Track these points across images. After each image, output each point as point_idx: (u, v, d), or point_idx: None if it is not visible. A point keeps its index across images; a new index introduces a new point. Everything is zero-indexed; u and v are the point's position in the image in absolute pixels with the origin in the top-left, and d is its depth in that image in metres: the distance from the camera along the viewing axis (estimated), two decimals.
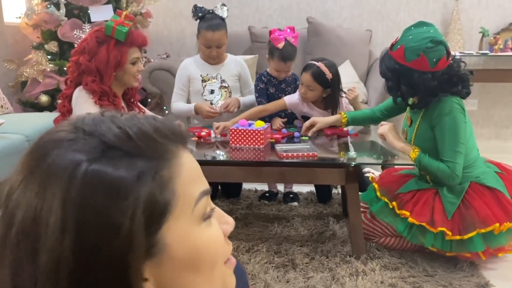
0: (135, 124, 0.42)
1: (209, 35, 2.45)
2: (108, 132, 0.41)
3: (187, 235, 0.43)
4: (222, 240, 0.47)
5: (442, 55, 1.72)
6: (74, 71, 1.96)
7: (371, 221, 2.06)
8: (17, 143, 2.27)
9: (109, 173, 0.38)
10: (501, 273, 1.87)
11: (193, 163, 0.46)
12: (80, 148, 0.39)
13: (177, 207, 0.42)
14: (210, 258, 0.45)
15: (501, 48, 3.59)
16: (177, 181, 0.43)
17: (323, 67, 2.28)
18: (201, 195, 0.45)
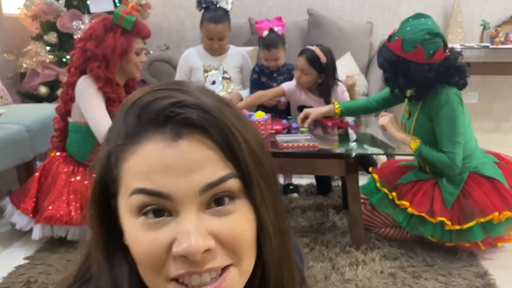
0: (143, 99, 0.44)
1: (211, 27, 2.44)
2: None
3: (124, 217, 0.45)
4: (152, 248, 0.42)
5: (439, 47, 1.72)
6: (80, 58, 1.96)
7: (371, 212, 2.07)
8: (16, 133, 2.26)
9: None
10: (500, 263, 1.88)
11: (152, 155, 0.42)
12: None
13: (121, 187, 0.45)
14: (136, 255, 0.44)
15: (502, 41, 3.58)
16: (124, 166, 0.44)
17: (317, 51, 2.29)
18: (135, 191, 0.42)
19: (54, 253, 1.94)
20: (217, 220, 0.43)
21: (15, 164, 2.33)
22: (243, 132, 0.44)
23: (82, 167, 2.06)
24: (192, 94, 0.44)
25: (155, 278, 0.44)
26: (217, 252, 0.43)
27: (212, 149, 0.42)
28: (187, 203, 0.42)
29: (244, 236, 0.44)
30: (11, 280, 1.75)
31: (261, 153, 0.46)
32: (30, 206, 1.99)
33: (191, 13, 3.77)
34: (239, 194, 0.44)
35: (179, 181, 0.41)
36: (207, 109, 0.43)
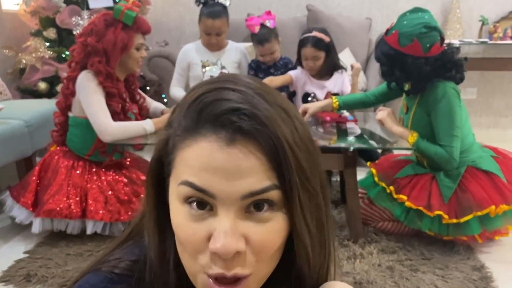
0: (207, 97, 0.47)
1: (209, 22, 2.44)
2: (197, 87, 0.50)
3: (172, 199, 0.49)
4: (192, 238, 0.46)
5: (435, 41, 1.73)
6: (81, 52, 1.97)
7: (369, 206, 2.08)
8: (16, 128, 2.27)
9: None
10: (496, 257, 1.90)
11: (205, 154, 0.45)
12: None
13: (173, 172, 0.49)
14: (178, 239, 0.48)
15: (500, 37, 3.59)
16: (179, 155, 0.47)
17: (318, 34, 2.32)
18: (184, 182, 0.45)
19: (54, 247, 1.95)
20: (252, 225, 0.46)
21: (15, 159, 2.34)
22: (294, 146, 0.46)
23: (82, 161, 2.07)
24: (252, 99, 0.46)
25: (191, 261, 0.48)
26: (245, 256, 0.46)
27: (260, 159, 0.45)
28: (228, 205, 0.45)
29: (273, 245, 0.47)
30: (11, 273, 1.76)
31: (310, 167, 0.48)
32: (30, 200, 2.00)
33: (190, 9, 3.77)
34: (279, 204, 0.46)
35: (225, 184, 0.44)
36: (263, 121, 0.45)
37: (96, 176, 2.06)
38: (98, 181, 2.04)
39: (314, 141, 0.50)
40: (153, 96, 3.37)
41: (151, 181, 0.52)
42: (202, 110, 0.46)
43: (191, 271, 0.48)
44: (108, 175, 2.08)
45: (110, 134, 1.94)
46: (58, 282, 1.70)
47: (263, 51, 2.48)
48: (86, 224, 1.98)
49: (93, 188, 2.01)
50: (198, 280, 0.48)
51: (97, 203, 1.98)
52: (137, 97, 2.22)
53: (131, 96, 2.18)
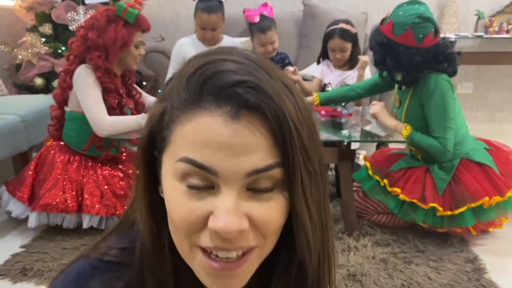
0: (209, 68, 0.44)
1: (204, 17, 2.44)
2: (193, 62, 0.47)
3: (166, 176, 0.46)
4: (189, 216, 0.44)
5: (428, 32, 1.74)
6: (80, 46, 1.98)
7: (363, 199, 2.09)
8: (12, 123, 2.27)
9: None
10: (490, 249, 1.91)
11: (208, 129, 0.42)
12: None
13: (169, 148, 0.46)
14: (172, 218, 0.46)
15: (496, 31, 3.59)
16: (177, 130, 0.44)
17: (345, 26, 2.34)
18: (184, 159, 0.43)
19: (50, 241, 1.96)
20: (255, 204, 0.44)
21: (11, 155, 2.35)
22: (298, 124, 0.44)
23: (78, 156, 2.08)
24: (256, 72, 0.44)
25: (183, 240, 0.45)
26: (249, 233, 0.44)
27: (265, 135, 0.43)
28: (231, 183, 0.43)
29: (275, 223, 0.45)
30: (7, 268, 1.77)
31: (311, 147, 0.46)
32: (26, 194, 2.01)
33: (186, 4, 3.77)
34: (281, 182, 0.45)
35: (230, 161, 0.42)
36: (269, 94, 0.43)
37: (92, 170, 2.06)
38: (94, 176, 2.05)
39: (314, 121, 0.48)
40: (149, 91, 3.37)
41: (142, 159, 0.49)
42: (204, 82, 0.43)
43: (183, 250, 0.47)
44: (104, 169, 2.09)
45: (105, 129, 1.94)
46: (54, 276, 1.71)
47: (265, 40, 2.47)
48: (82, 218, 1.99)
49: (89, 183, 2.02)
50: (195, 257, 0.46)
51: (93, 197, 1.99)
52: (133, 93, 2.23)
53: (128, 92, 2.19)
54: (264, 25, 2.45)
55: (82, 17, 2.95)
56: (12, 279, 1.71)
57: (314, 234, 0.48)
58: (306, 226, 0.46)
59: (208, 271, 0.45)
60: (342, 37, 2.35)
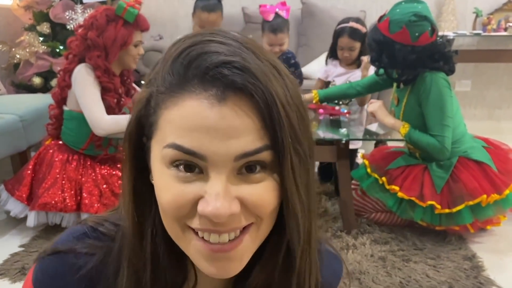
0: (194, 49, 0.43)
1: (204, 16, 2.43)
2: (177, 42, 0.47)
3: (155, 162, 0.46)
4: (178, 199, 0.43)
5: (424, 30, 1.74)
6: (80, 45, 1.97)
7: (362, 197, 2.10)
8: (10, 123, 2.27)
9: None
10: (488, 246, 1.92)
11: (195, 113, 0.41)
12: None
13: (157, 134, 0.45)
14: (161, 203, 0.45)
15: (494, 29, 3.60)
16: (163, 115, 0.44)
17: (355, 25, 2.33)
18: (171, 145, 0.42)
19: (49, 240, 1.94)
20: (246, 186, 0.43)
21: (9, 154, 2.34)
22: (286, 105, 0.43)
23: (77, 155, 2.08)
24: (243, 52, 0.43)
25: (174, 224, 0.45)
26: (241, 216, 0.44)
27: (253, 117, 0.42)
28: (220, 167, 0.42)
29: (268, 205, 0.44)
30: (6, 267, 1.78)
31: (302, 130, 0.45)
32: (24, 194, 2.01)
33: (184, 3, 3.77)
34: (271, 165, 0.44)
35: (218, 145, 0.41)
36: (256, 75, 0.42)
37: (91, 169, 2.06)
38: (93, 175, 2.05)
39: (304, 103, 0.47)
40: None
41: (129, 146, 0.48)
42: (189, 64, 0.42)
43: (175, 237, 0.46)
44: (102, 168, 2.09)
45: (103, 128, 1.94)
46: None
47: (274, 41, 2.40)
48: (81, 217, 1.99)
49: (88, 182, 2.02)
50: (190, 245, 0.45)
51: (92, 196, 1.99)
52: (132, 92, 2.23)
53: (126, 91, 2.19)
54: (277, 25, 2.36)
55: (80, 16, 2.94)
56: (11, 279, 1.71)
57: (303, 216, 0.47)
58: (296, 208, 0.46)
59: (204, 254, 0.45)
60: (351, 36, 2.34)
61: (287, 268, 0.50)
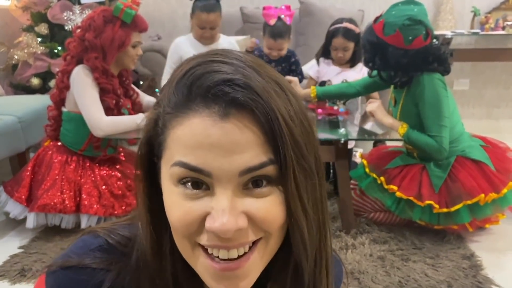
0: (197, 70, 0.45)
1: (203, 16, 2.42)
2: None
3: (164, 181, 0.47)
4: (186, 217, 0.44)
5: (418, 34, 1.74)
6: (77, 47, 1.97)
7: (361, 197, 2.10)
8: (9, 124, 2.27)
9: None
10: (486, 245, 1.93)
11: (199, 130, 0.42)
12: None
13: (165, 153, 0.46)
14: (171, 220, 0.46)
15: (492, 27, 3.60)
16: (170, 135, 0.45)
17: (349, 25, 2.35)
18: (178, 163, 0.43)
19: (49, 241, 1.97)
20: (252, 201, 0.44)
21: (8, 155, 2.34)
22: (289, 120, 0.44)
23: (76, 156, 2.08)
24: (244, 71, 0.44)
25: (184, 241, 0.46)
26: (248, 230, 0.44)
27: (256, 133, 0.43)
28: (225, 182, 0.43)
29: (275, 219, 0.45)
30: (6, 268, 1.78)
31: (306, 143, 0.46)
32: (24, 195, 2.01)
33: (182, 2, 3.76)
34: (276, 179, 0.44)
35: (222, 161, 0.42)
36: (257, 91, 0.43)
37: (90, 170, 2.07)
38: (92, 176, 2.05)
39: (309, 118, 0.48)
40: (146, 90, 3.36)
41: (141, 166, 0.49)
42: (192, 84, 0.44)
43: (186, 253, 0.47)
44: (102, 169, 2.09)
45: (102, 129, 1.95)
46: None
47: (273, 46, 2.40)
48: (81, 218, 1.99)
49: (87, 183, 2.02)
50: (197, 259, 0.46)
51: (91, 197, 1.99)
52: (130, 93, 2.23)
53: (125, 92, 2.19)
54: (277, 31, 2.35)
55: (78, 16, 2.94)
56: (10, 280, 1.71)
57: (310, 233, 0.47)
58: (301, 224, 0.46)
59: (212, 273, 0.45)
60: (345, 36, 2.35)
61: (297, 284, 0.50)
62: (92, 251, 0.51)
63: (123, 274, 0.51)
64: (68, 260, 0.51)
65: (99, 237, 0.53)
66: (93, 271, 0.50)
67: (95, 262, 0.50)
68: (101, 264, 0.50)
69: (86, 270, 0.50)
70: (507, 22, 3.55)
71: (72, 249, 0.52)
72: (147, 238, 0.50)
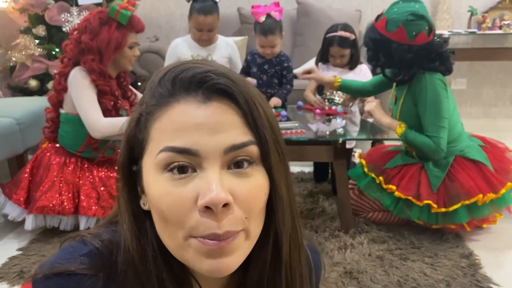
0: (178, 68, 0.49)
1: (201, 18, 2.42)
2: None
3: (148, 176, 0.48)
4: (178, 201, 0.45)
5: (421, 30, 1.75)
6: (74, 49, 1.97)
7: (359, 196, 2.10)
8: (7, 126, 2.26)
9: None
10: (485, 244, 1.93)
11: (183, 114, 0.45)
12: None
13: (148, 147, 0.48)
14: (160, 210, 0.46)
15: (489, 27, 3.61)
16: (154, 126, 0.47)
17: (344, 34, 2.39)
18: (165, 148, 0.45)
19: (47, 243, 1.96)
20: (236, 180, 0.46)
21: (6, 157, 2.34)
22: (265, 108, 0.49)
23: (74, 158, 2.08)
24: (221, 67, 0.49)
25: (176, 232, 0.46)
26: (234, 210, 0.45)
27: (237, 115, 0.47)
28: (212, 160, 0.45)
29: (258, 199, 0.48)
30: (5, 271, 1.77)
31: (278, 130, 0.51)
32: (22, 197, 2.01)
33: (180, 4, 3.77)
34: (257, 160, 0.48)
35: (207, 139, 0.45)
36: (235, 80, 0.48)
37: (88, 172, 2.06)
38: (91, 177, 2.05)
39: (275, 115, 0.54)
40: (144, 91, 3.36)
41: (123, 171, 0.51)
42: (175, 77, 0.47)
43: (176, 244, 0.47)
44: (100, 171, 2.09)
45: (100, 130, 1.95)
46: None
47: (265, 43, 2.39)
48: (79, 220, 1.99)
49: (85, 184, 2.02)
50: (189, 247, 0.46)
51: (89, 199, 1.99)
52: (128, 94, 2.22)
53: (123, 93, 2.19)
54: (267, 28, 2.35)
55: (76, 18, 2.94)
56: (9, 282, 1.71)
57: (286, 212, 0.51)
58: (284, 197, 0.50)
59: (205, 252, 0.46)
60: (340, 45, 2.41)
61: (275, 260, 0.53)
62: (81, 257, 0.51)
63: (112, 280, 0.51)
64: (56, 267, 0.50)
65: (87, 243, 0.53)
66: (82, 277, 0.50)
67: (84, 268, 0.50)
68: (90, 270, 0.50)
69: (75, 276, 0.50)
70: (504, 22, 3.56)
71: (60, 256, 0.52)
72: (132, 244, 0.51)
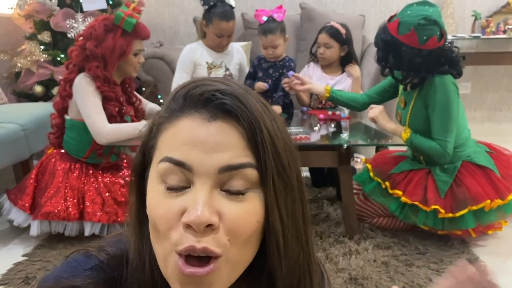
0: (192, 84, 0.50)
1: (223, 24, 2.37)
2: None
3: (150, 184, 0.50)
4: (166, 213, 0.46)
5: (433, 35, 1.74)
6: (79, 56, 1.98)
7: (364, 202, 2.10)
8: (12, 132, 2.27)
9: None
10: (491, 250, 1.92)
11: (187, 130, 0.47)
12: None
13: (155, 155, 0.50)
14: (152, 218, 0.47)
15: (493, 31, 3.61)
16: (161, 136, 0.49)
17: (336, 24, 2.43)
18: (164, 158, 0.47)
19: (52, 249, 1.97)
20: (227, 203, 0.46)
21: (12, 163, 2.35)
22: (272, 132, 0.48)
23: (79, 163, 2.08)
24: (236, 86, 0.49)
25: (163, 243, 0.46)
26: (218, 232, 0.45)
27: (239, 137, 0.46)
28: (204, 179, 0.45)
29: (247, 225, 0.46)
30: (10, 277, 1.78)
31: (288, 157, 0.49)
32: (27, 203, 2.02)
33: (184, 9, 3.78)
34: (254, 185, 0.47)
35: (203, 157, 0.45)
36: (243, 101, 0.47)
37: (93, 178, 2.07)
38: (95, 183, 2.06)
39: (292, 139, 0.52)
40: (149, 97, 3.37)
41: (135, 176, 0.53)
42: (187, 93, 0.49)
43: (162, 256, 0.47)
44: (105, 177, 2.10)
45: (105, 137, 1.95)
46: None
47: (266, 42, 2.42)
48: (84, 226, 1.99)
49: (90, 190, 2.03)
50: (169, 263, 0.46)
51: (94, 205, 2.00)
52: (133, 99, 2.23)
53: (128, 99, 2.20)
54: (268, 27, 2.39)
55: (81, 24, 2.95)
56: None
57: (287, 243, 0.49)
58: (277, 228, 0.48)
59: (179, 277, 0.45)
60: (327, 32, 2.43)
61: None
62: (86, 271, 0.51)
63: None
64: (61, 282, 0.50)
65: (91, 257, 0.53)
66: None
67: (89, 283, 0.50)
68: (94, 285, 0.51)
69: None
70: (508, 26, 3.56)
71: (64, 269, 0.52)
72: (133, 244, 0.52)
